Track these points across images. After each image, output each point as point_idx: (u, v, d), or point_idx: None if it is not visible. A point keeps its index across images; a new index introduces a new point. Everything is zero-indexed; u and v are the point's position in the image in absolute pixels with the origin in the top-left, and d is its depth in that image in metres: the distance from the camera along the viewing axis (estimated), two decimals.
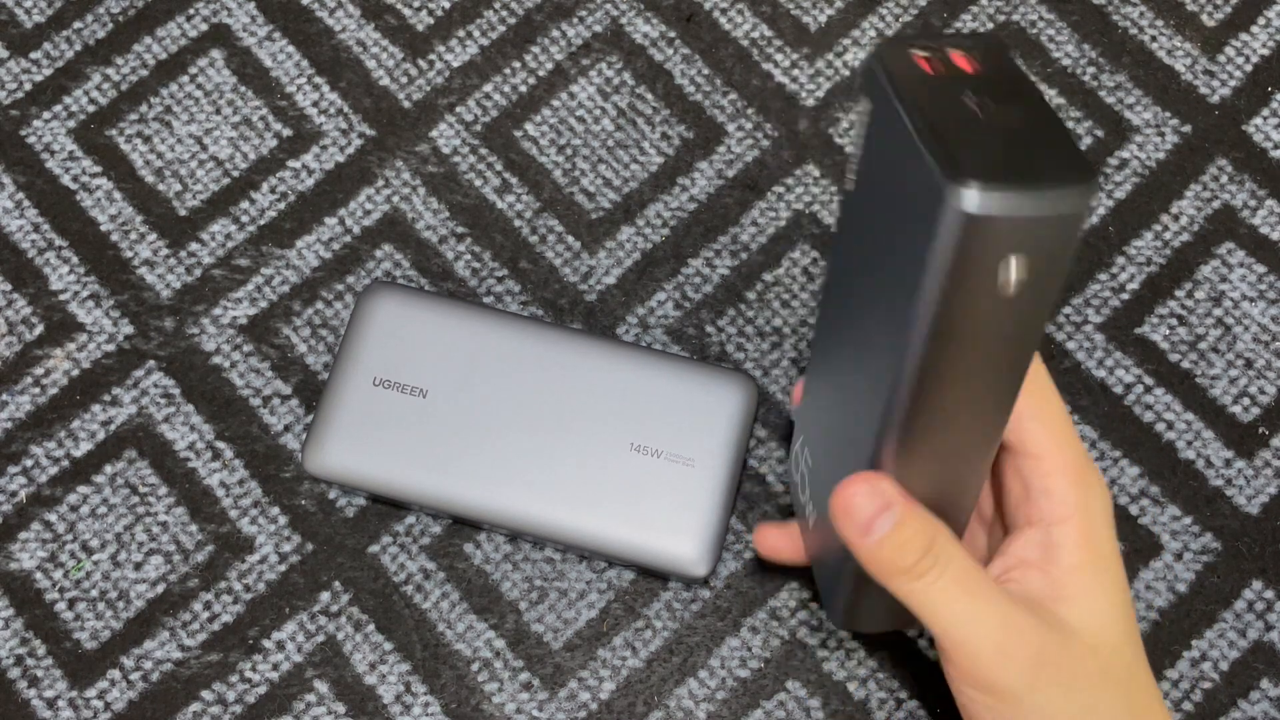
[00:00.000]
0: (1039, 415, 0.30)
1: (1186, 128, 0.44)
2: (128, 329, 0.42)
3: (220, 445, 0.41)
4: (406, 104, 0.45)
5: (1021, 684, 0.28)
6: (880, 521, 0.27)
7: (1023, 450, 0.30)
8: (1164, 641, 0.39)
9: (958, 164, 0.22)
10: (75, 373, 0.42)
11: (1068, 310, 0.42)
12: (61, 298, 0.42)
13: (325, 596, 0.39)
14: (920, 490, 0.27)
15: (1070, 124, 0.44)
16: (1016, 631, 0.28)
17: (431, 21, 0.46)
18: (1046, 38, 0.45)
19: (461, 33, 0.45)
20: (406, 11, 0.46)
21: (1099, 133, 0.44)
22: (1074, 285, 0.42)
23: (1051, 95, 0.45)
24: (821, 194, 0.43)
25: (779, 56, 0.45)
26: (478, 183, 0.44)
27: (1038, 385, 0.30)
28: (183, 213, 0.43)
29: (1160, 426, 0.41)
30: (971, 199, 0.21)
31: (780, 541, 0.36)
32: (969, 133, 0.22)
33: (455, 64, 0.45)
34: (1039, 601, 0.29)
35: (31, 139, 0.44)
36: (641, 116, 0.44)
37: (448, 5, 0.46)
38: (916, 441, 0.26)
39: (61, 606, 0.39)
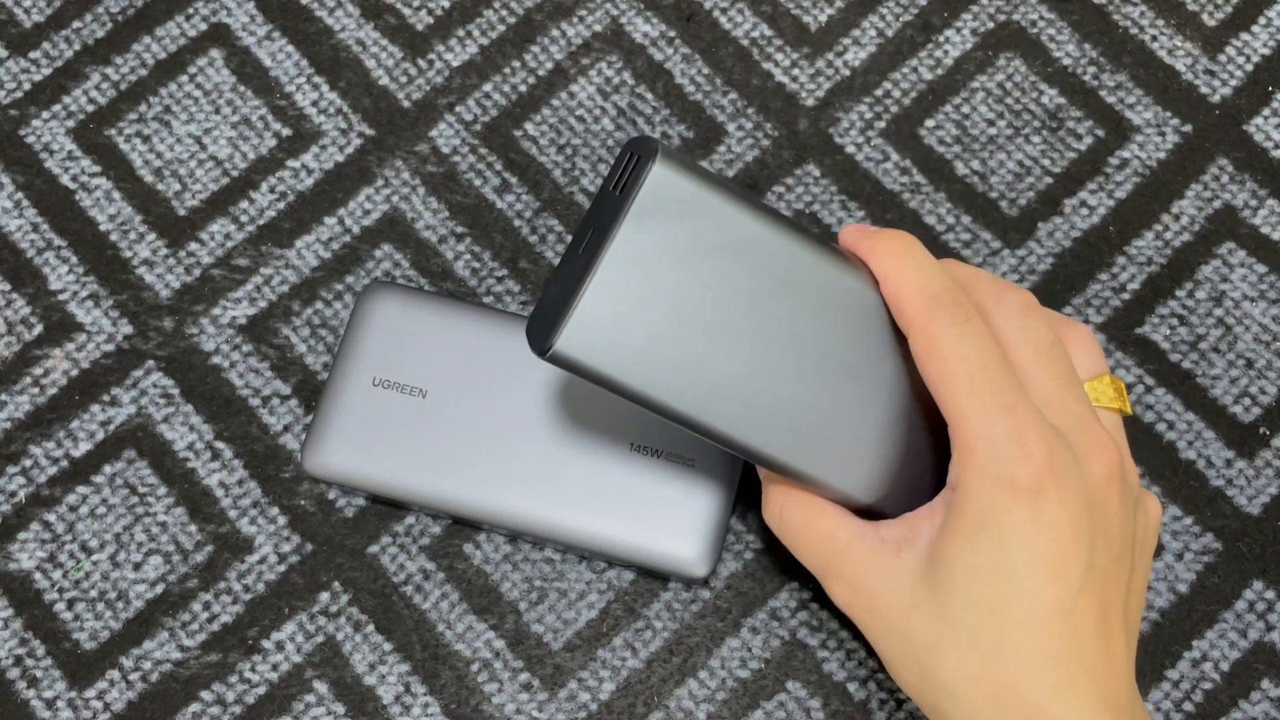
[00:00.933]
0: (936, 386, 0.29)
1: (1187, 127, 0.44)
2: (127, 329, 0.42)
3: (219, 445, 0.41)
4: (406, 103, 0.45)
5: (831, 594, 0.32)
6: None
7: (940, 407, 0.30)
8: (1165, 642, 0.39)
9: (540, 300, 0.30)
10: (74, 373, 0.41)
11: (1068, 310, 0.42)
12: (61, 298, 0.42)
13: (325, 597, 0.39)
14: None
15: (1071, 124, 0.44)
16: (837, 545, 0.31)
17: (431, 21, 0.46)
18: (1047, 37, 0.45)
19: (461, 32, 0.45)
20: (406, 11, 0.46)
21: (1099, 132, 0.44)
22: (1074, 285, 0.42)
23: (1053, 95, 0.45)
24: (822, 194, 0.43)
25: (779, 56, 0.45)
26: (477, 182, 0.44)
27: (936, 354, 0.29)
28: (182, 212, 0.43)
29: (1161, 426, 0.41)
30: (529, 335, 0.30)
31: None
32: (563, 267, 0.30)
33: (455, 63, 0.45)
34: (908, 540, 0.30)
35: (30, 139, 0.44)
36: (641, 116, 0.44)
37: (447, 4, 0.46)
38: None
39: (61, 607, 0.39)
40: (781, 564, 0.39)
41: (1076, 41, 0.45)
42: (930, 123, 0.44)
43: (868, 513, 0.32)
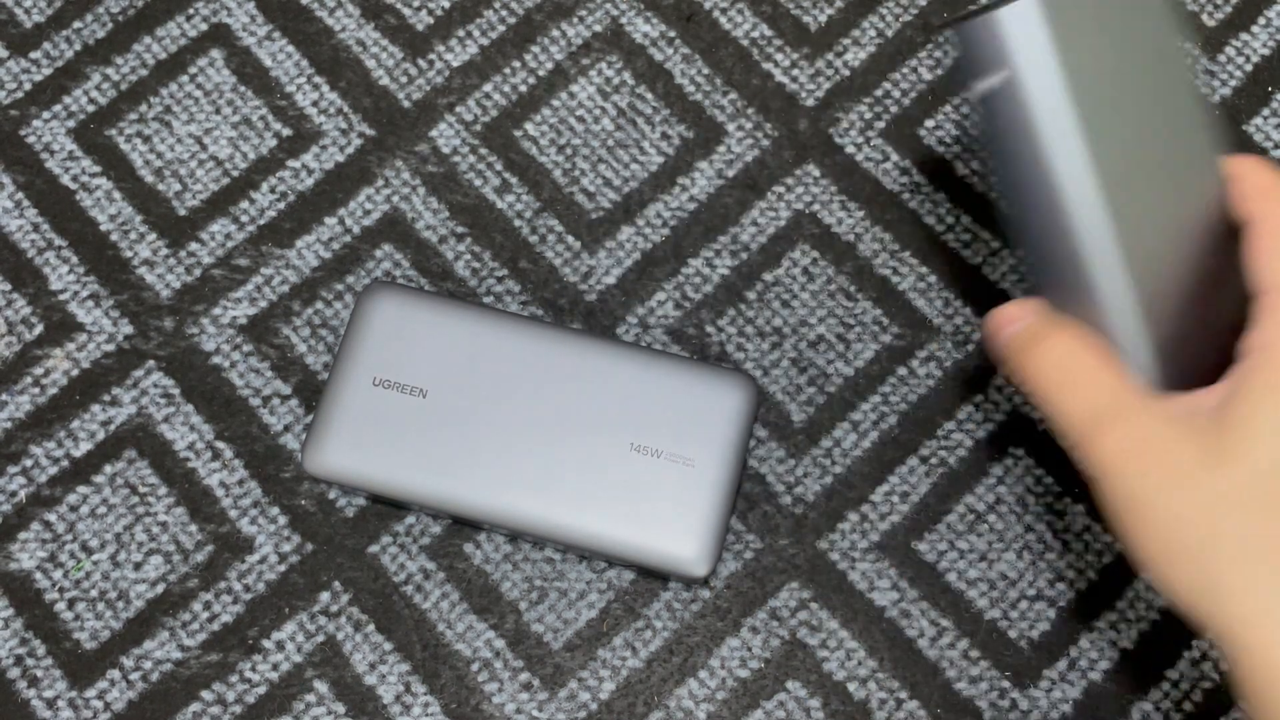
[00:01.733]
0: (1266, 254, 0.30)
1: None
2: (127, 329, 0.42)
3: (220, 445, 0.41)
4: (406, 104, 0.45)
5: (1088, 453, 0.30)
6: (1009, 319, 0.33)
7: (1251, 285, 0.30)
8: (1165, 642, 0.39)
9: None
10: (75, 373, 0.42)
11: None
12: (61, 298, 0.42)
13: (325, 596, 0.39)
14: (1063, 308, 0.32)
15: None
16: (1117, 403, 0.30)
17: (431, 21, 0.46)
18: None
19: (461, 32, 0.45)
20: (406, 11, 0.46)
21: None
22: None
23: None
24: (821, 194, 0.43)
25: (779, 56, 0.45)
26: (477, 183, 0.44)
27: (1270, 227, 0.30)
28: (182, 212, 0.43)
29: None
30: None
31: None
32: None
33: (455, 63, 0.45)
34: (1196, 411, 0.29)
35: (31, 139, 0.44)
36: (641, 116, 0.44)
37: (447, 5, 0.46)
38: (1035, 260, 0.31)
39: (61, 607, 0.39)
40: (781, 564, 0.40)
41: None
42: (930, 123, 0.44)
43: None
